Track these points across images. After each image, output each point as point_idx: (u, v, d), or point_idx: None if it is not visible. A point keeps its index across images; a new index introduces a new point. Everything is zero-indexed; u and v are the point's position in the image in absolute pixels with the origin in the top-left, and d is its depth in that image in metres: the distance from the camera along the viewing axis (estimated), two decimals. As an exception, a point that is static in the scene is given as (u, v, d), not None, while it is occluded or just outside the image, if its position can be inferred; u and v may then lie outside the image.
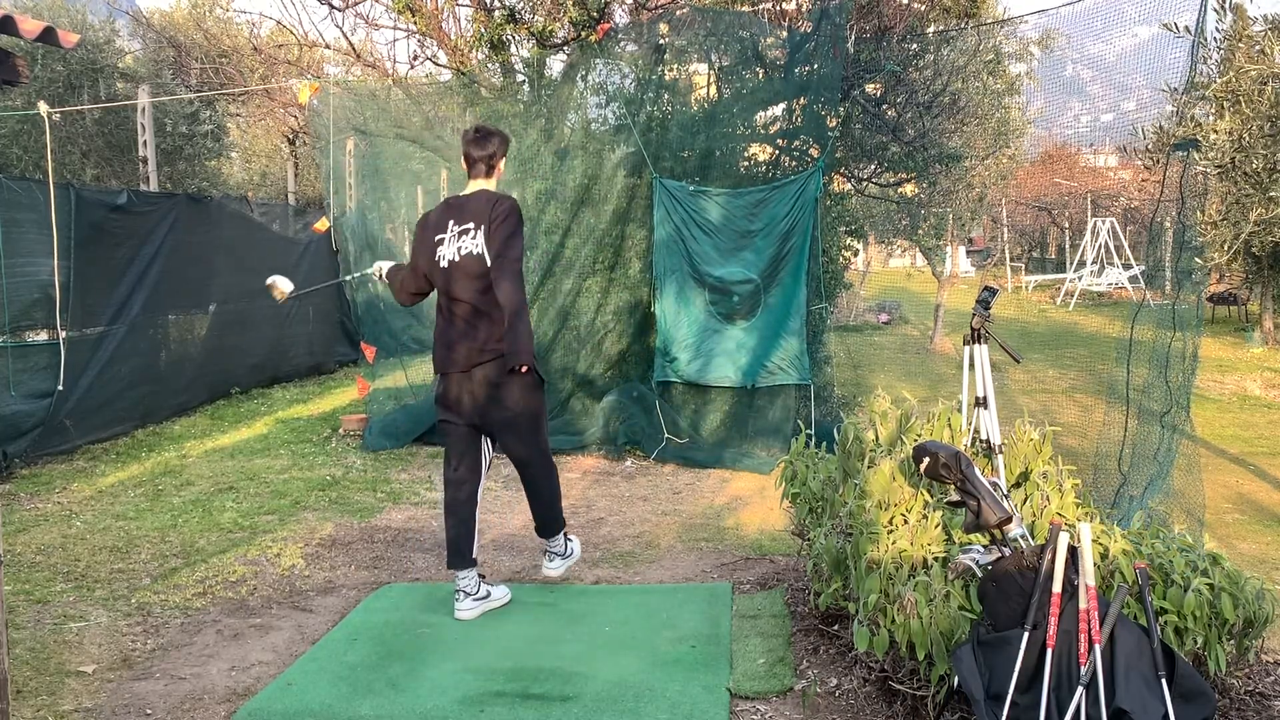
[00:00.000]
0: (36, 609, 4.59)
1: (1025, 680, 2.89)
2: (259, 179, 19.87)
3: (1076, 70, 6.71)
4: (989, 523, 3.13)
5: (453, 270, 4.29)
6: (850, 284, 13.49)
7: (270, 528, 5.91)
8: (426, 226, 4.43)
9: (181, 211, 9.25)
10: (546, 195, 8.25)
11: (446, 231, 4.35)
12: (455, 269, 4.28)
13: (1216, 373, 12.00)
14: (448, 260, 4.31)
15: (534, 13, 8.82)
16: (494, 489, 6.90)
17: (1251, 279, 15.45)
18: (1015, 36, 10.55)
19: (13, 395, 7.29)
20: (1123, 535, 3.44)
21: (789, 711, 3.56)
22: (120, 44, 14.16)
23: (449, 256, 4.31)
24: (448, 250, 4.32)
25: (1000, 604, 3.00)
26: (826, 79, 7.77)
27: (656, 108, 8.18)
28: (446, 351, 4.36)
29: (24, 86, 3.93)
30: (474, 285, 4.25)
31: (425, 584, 4.97)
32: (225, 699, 3.71)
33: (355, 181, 10.27)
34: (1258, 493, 6.78)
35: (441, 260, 4.33)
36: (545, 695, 3.68)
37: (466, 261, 4.25)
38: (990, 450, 4.09)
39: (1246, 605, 3.23)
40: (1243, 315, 18.18)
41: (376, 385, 8.86)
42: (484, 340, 4.26)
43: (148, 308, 8.74)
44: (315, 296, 12.18)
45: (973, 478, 3.17)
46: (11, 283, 7.30)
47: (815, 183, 7.47)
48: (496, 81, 9.00)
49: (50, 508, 6.32)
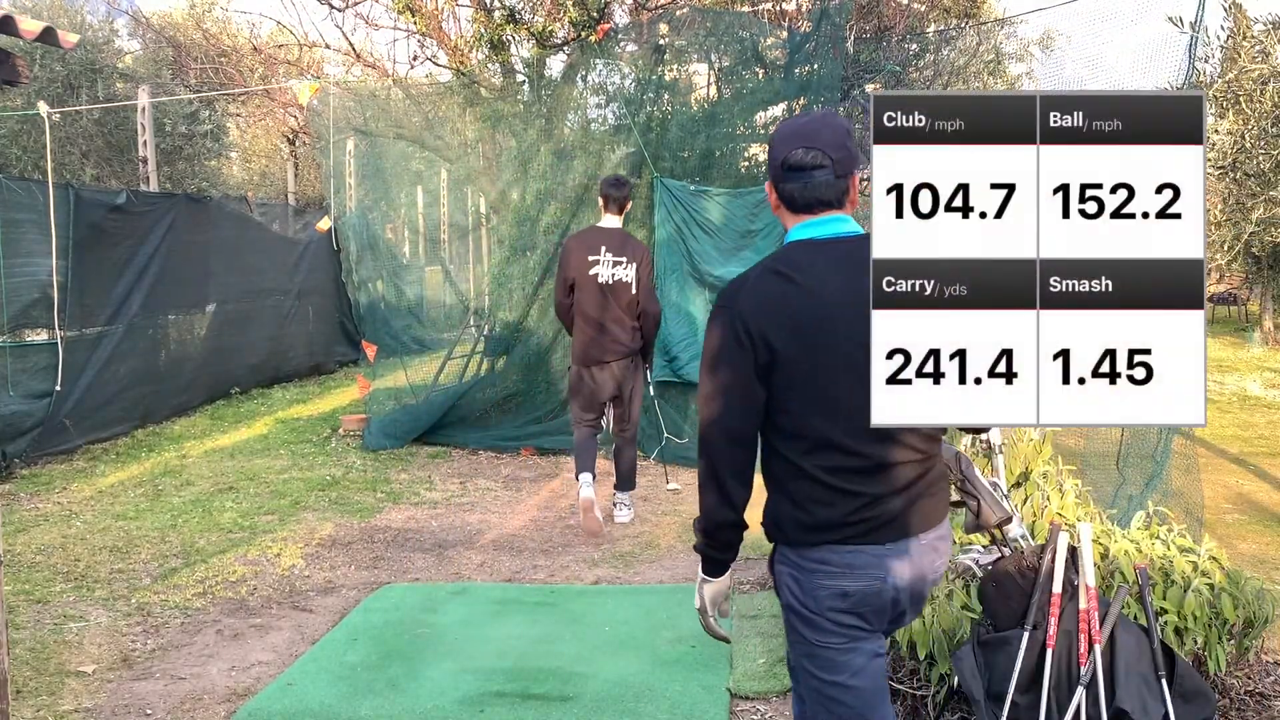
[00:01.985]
0: (36, 609, 4.58)
1: (1025, 680, 2.89)
2: (259, 179, 19.87)
3: (1076, 70, 6.72)
4: (989, 523, 3.13)
5: (610, 288, 5.66)
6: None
7: (270, 528, 5.91)
8: (580, 246, 5.76)
9: (181, 211, 9.25)
10: (546, 195, 8.25)
11: (599, 255, 5.71)
12: (611, 289, 5.66)
13: (1216, 373, 12.00)
14: (604, 279, 5.68)
15: (534, 13, 8.82)
16: (494, 489, 6.90)
17: (1251, 279, 15.45)
18: (1015, 36, 10.56)
19: (12, 395, 7.29)
20: (1123, 535, 3.44)
21: (789, 711, 3.55)
22: (119, 44, 14.17)
23: (605, 277, 5.68)
24: (604, 271, 5.68)
25: (1000, 604, 3.00)
26: (826, 79, 7.77)
27: (656, 108, 8.18)
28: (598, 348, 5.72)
29: (23, 86, 3.93)
30: (623, 303, 5.67)
31: (425, 584, 4.97)
32: (225, 699, 3.71)
33: (355, 181, 10.27)
34: (1258, 493, 6.78)
35: (599, 277, 5.68)
36: (545, 695, 3.68)
37: (619, 286, 5.66)
38: (990, 450, 4.09)
39: (1246, 605, 3.23)
40: (1243, 315, 18.19)
41: (377, 385, 8.85)
42: (627, 341, 5.74)
43: (147, 308, 8.74)
44: (315, 296, 12.18)
45: (973, 478, 3.17)
46: (10, 283, 7.30)
47: (815, 183, 7.45)
48: (496, 81, 9.01)
49: (50, 508, 6.32)
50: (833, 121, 2.25)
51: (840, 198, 2.20)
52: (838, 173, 2.18)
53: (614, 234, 5.79)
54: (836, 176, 2.18)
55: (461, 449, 8.07)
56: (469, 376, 8.95)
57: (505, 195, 8.97)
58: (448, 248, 12.32)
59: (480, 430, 8.27)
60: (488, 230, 11.18)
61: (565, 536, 5.78)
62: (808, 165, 2.17)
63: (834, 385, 2.11)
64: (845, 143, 2.20)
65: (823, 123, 2.23)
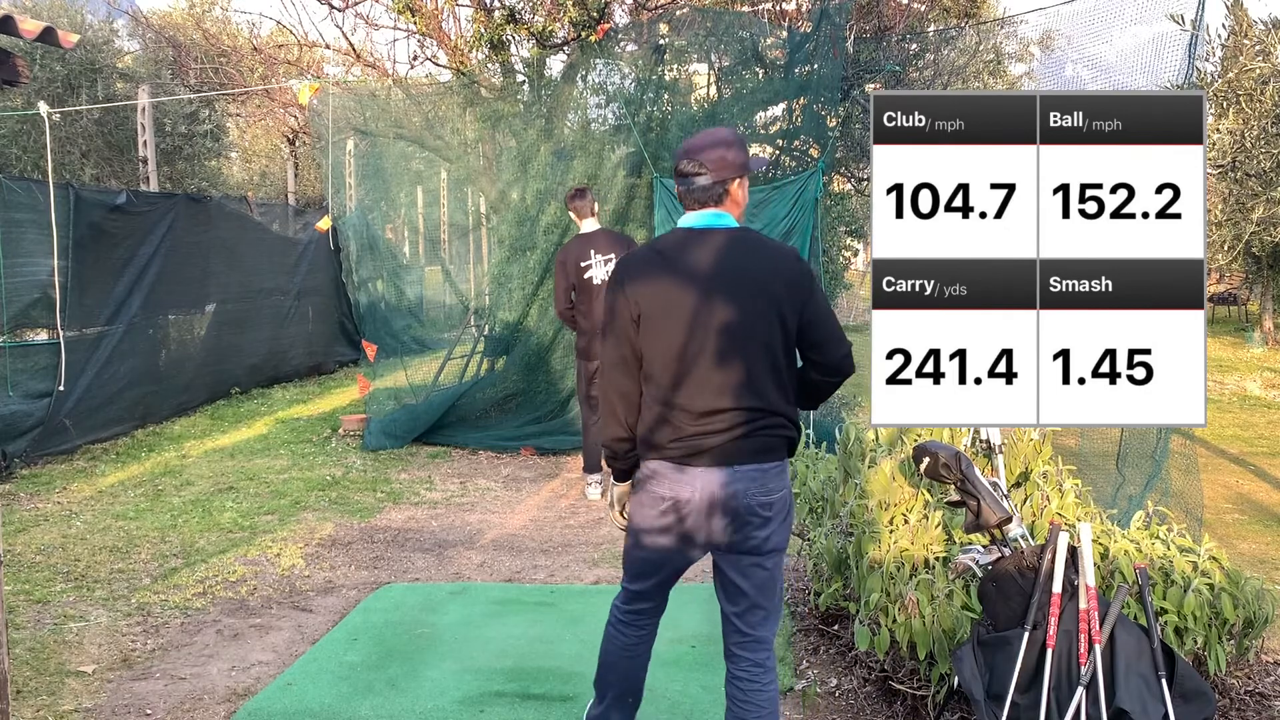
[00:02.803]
0: (36, 609, 4.59)
1: (1025, 680, 2.89)
2: (259, 179, 19.87)
3: (1076, 70, 6.71)
4: (989, 523, 3.13)
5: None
6: (850, 284, 13.50)
7: (270, 528, 5.91)
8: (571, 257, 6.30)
9: (181, 211, 9.24)
10: (546, 195, 8.25)
11: (590, 259, 6.23)
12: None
13: (1216, 373, 12.00)
14: (599, 279, 6.14)
15: (534, 13, 8.82)
16: (494, 489, 6.90)
17: (1251, 279, 15.45)
18: (1015, 37, 10.55)
19: (12, 395, 7.28)
20: (1123, 535, 3.44)
21: (789, 711, 3.56)
22: (119, 44, 14.16)
23: (600, 277, 6.15)
24: (597, 272, 6.18)
25: (1000, 604, 3.00)
26: (826, 79, 7.77)
27: (656, 108, 8.18)
28: None
29: (23, 86, 3.93)
30: None
31: (425, 584, 4.97)
32: (225, 699, 3.71)
33: (355, 181, 10.28)
34: (1258, 493, 6.78)
35: (594, 280, 6.19)
36: (545, 695, 3.68)
37: None
38: (990, 450, 4.09)
39: (1246, 605, 3.23)
40: (1243, 315, 18.19)
41: (377, 385, 8.86)
42: None
43: (147, 307, 8.73)
44: (315, 296, 12.19)
45: (973, 478, 3.17)
46: (11, 282, 7.30)
47: (815, 183, 7.46)
48: (496, 81, 9.01)
49: (50, 508, 6.32)
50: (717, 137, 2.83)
51: (718, 199, 2.80)
52: (714, 179, 2.77)
53: (597, 235, 6.37)
54: (713, 182, 2.77)
55: (461, 449, 8.07)
56: (469, 376, 8.96)
57: (505, 195, 8.97)
58: (448, 248, 12.33)
59: (480, 430, 8.27)
60: (488, 230, 11.19)
61: (565, 536, 5.78)
62: (689, 173, 2.80)
63: (677, 343, 2.70)
64: (724, 155, 2.78)
65: (708, 139, 2.83)
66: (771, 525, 2.74)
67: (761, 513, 2.71)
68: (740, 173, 2.80)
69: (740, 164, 2.80)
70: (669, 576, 2.95)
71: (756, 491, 2.70)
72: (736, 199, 2.83)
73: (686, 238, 2.79)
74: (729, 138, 2.84)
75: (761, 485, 2.70)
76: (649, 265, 2.78)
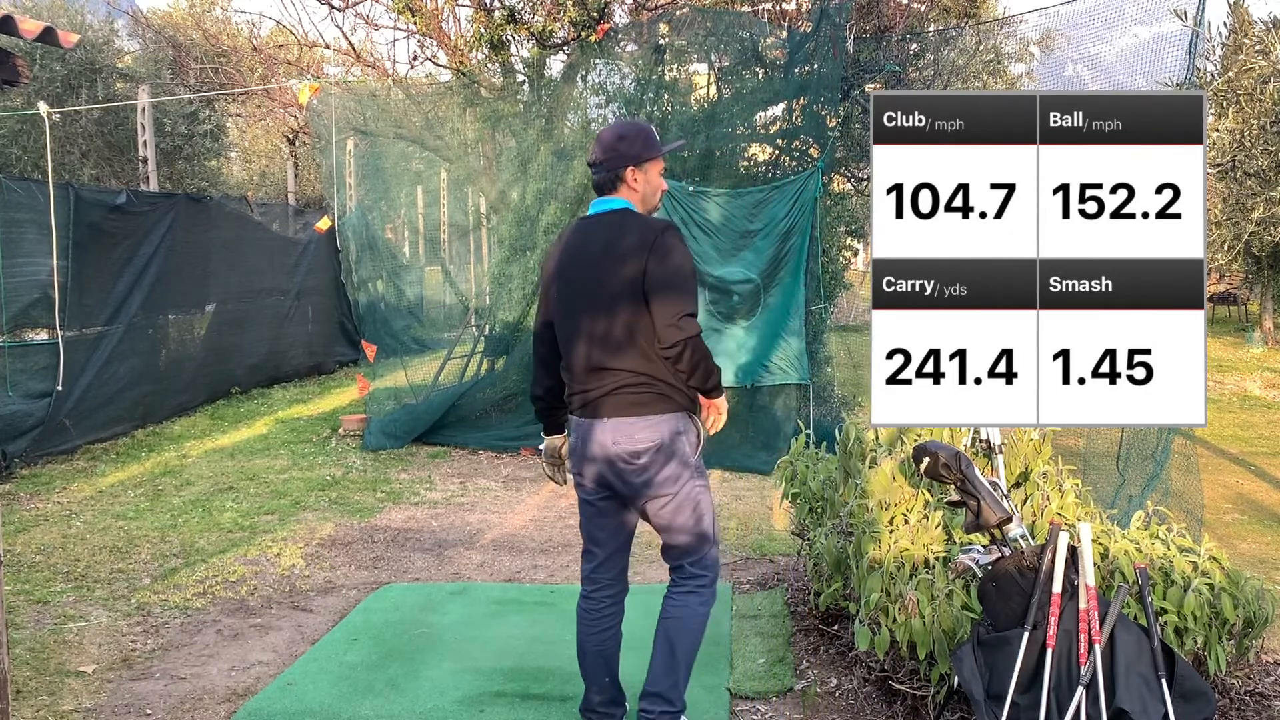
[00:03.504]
0: (36, 609, 4.59)
1: (1025, 680, 2.89)
2: (259, 179, 19.88)
3: (1076, 70, 6.71)
4: (989, 523, 3.12)
5: None
6: (850, 284, 13.49)
7: (270, 528, 5.91)
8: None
9: (181, 211, 9.24)
10: (546, 195, 8.25)
11: None
12: None
13: (1216, 373, 12.00)
14: None
15: (534, 13, 8.82)
16: (494, 489, 6.90)
17: (1251, 279, 15.45)
18: (1015, 37, 10.55)
19: (12, 395, 7.29)
20: (1123, 535, 3.44)
21: (789, 711, 3.56)
22: (119, 44, 14.16)
23: None
24: None
25: (1000, 604, 3.00)
26: (826, 79, 7.77)
27: (656, 108, 8.18)
28: None
29: (23, 86, 3.93)
30: None
31: (425, 584, 4.97)
32: (225, 699, 3.71)
33: (355, 181, 10.28)
34: (1258, 493, 6.78)
35: None
36: (545, 695, 3.68)
37: None
38: (990, 450, 4.09)
39: (1246, 605, 3.23)
40: (1243, 315, 18.19)
41: (376, 385, 8.86)
42: None
43: (147, 307, 8.73)
44: (315, 296, 12.19)
45: (973, 478, 3.17)
46: (10, 282, 7.30)
47: (815, 183, 7.46)
48: (496, 81, 9.01)
49: (50, 508, 6.32)
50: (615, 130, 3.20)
51: (612, 185, 3.15)
52: (607, 168, 3.13)
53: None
54: (606, 171, 3.13)
55: (461, 449, 8.07)
56: (469, 376, 8.96)
57: (505, 195, 8.97)
58: (448, 248, 12.33)
59: (480, 430, 8.27)
60: (488, 230, 11.19)
61: (565, 536, 5.78)
62: (590, 163, 3.20)
63: (566, 311, 3.16)
64: (616, 145, 3.13)
65: (608, 133, 3.20)
66: (649, 471, 3.08)
67: (631, 460, 3.07)
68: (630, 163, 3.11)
69: (633, 155, 3.11)
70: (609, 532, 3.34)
71: (623, 441, 3.06)
72: (633, 186, 3.15)
73: (583, 223, 3.23)
74: (625, 130, 3.19)
75: (628, 436, 3.05)
76: (557, 247, 3.25)
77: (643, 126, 3.27)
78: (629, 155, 3.11)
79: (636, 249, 3.02)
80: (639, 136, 3.16)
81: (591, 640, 3.37)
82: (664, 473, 3.11)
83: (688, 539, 3.20)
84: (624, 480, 3.13)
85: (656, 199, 3.24)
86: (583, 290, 3.11)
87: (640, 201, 3.17)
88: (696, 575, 3.23)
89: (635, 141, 3.14)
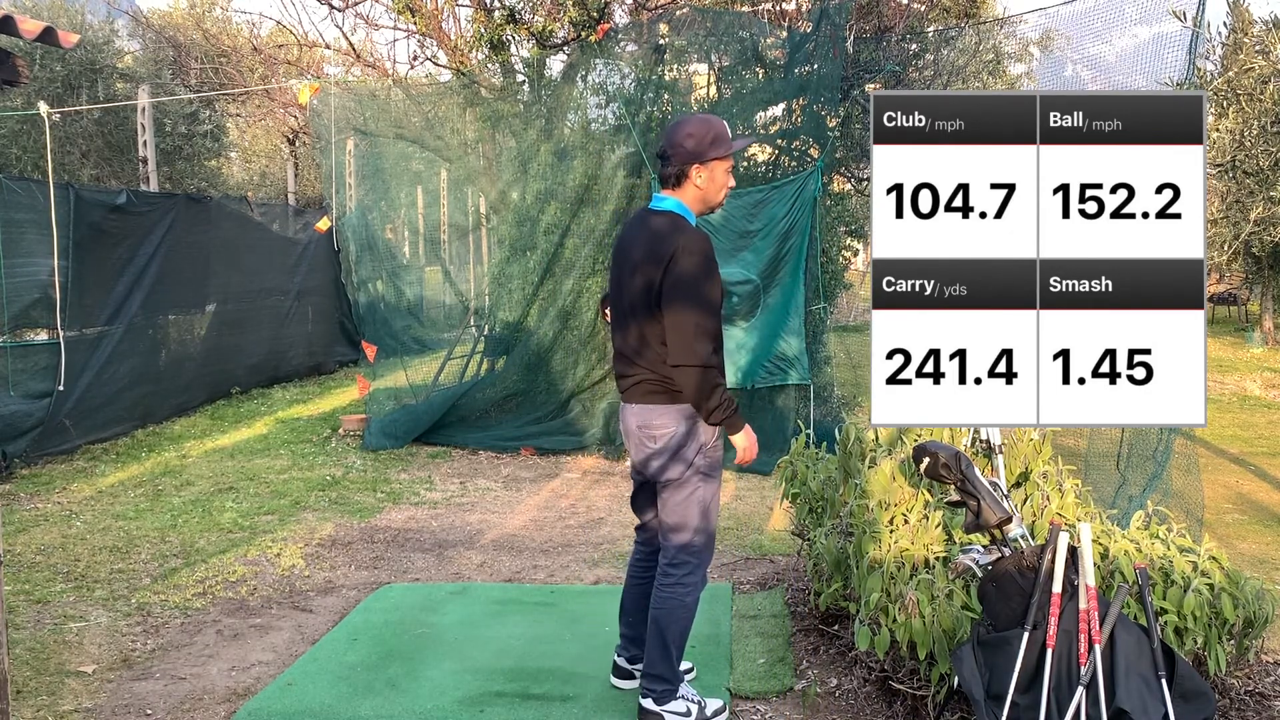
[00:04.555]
0: (36, 609, 4.59)
1: (1025, 680, 2.89)
2: (259, 179, 19.88)
3: (1076, 70, 6.71)
4: (989, 523, 3.13)
5: None
6: (850, 284, 13.49)
7: (270, 528, 5.91)
8: None
9: (181, 212, 9.24)
10: (546, 195, 8.25)
11: None
12: None
13: (1216, 373, 12.00)
14: None
15: (534, 13, 8.82)
16: (494, 489, 6.90)
17: (1251, 279, 15.45)
18: (1015, 37, 10.55)
19: (12, 395, 7.29)
20: (1123, 535, 3.44)
21: (789, 711, 3.56)
22: (119, 44, 14.16)
23: None
24: None
25: (1000, 604, 3.00)
26: (826, 79, 7.77)
27: (656, 108, 8.17)
28: None
29: (23, 86, 3.93)
30: None
31: (425, 584, 4.97)
32: (225, 699, 3.71)
33: (355, 181, 10.28)
34: (1258, 493, 6.78)
35: None
36: (545, 695, 3.68)
37: None
38: (990, 450, 4.09)
39: (1246, 605, 3.23)
40: (1243, 315, 18.19)
41: (376, 385, 8.86)
42: None
43: (147, 307, 8.73)
44: (315, 296, 12.19)
45: (973, 478, 3.17)
46: (11, 283, 7.30)
47: (815, 183, 7.46)
48: (496, 81, 9.01)
49: (50, 508, 6.32)
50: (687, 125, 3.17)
51: (675, 181, 3.20)
52: (673, 164, 3.17)
53: None
54: (672, 165, 3.18)
55: (461, 449, 8.07)
56: (469, 376, 8.96)
57: (505, 195, 8.97)
58: (448, 248, 12.32)
59: (480, 430, 8.27)
60: (488, 230, 11.19)
61: (565, 536, 5.79)
62: (659, 154, 3.26)
63: (615, 300, 3.35)
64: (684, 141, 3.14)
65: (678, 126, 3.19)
66: (664, 456, 3.26)
67: (649, 443, 3.27)
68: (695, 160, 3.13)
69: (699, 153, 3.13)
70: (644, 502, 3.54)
71: (645, 426, 3.28)
72: (696, 184, 3.18)
73: (636, 218, 3.36)
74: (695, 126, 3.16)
75: (647, 420, 3.26)
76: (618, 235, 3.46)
77: (715, 123, 3.22)
78: (695, 153, 3.13)
79: (654, 261, 3.11)
80: (709, 134, 3.15)
81: (634, 578, 3.60)
82: (675, 462, 3.27)
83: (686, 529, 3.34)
84: (644, 459, 3.32)
85: (720, 197, 3.25)
86: (618, 287, 3.32)
87: (700, 200, 3.22)
88: (684, 562, 3.34)
89: (704, 139, 3.14)
